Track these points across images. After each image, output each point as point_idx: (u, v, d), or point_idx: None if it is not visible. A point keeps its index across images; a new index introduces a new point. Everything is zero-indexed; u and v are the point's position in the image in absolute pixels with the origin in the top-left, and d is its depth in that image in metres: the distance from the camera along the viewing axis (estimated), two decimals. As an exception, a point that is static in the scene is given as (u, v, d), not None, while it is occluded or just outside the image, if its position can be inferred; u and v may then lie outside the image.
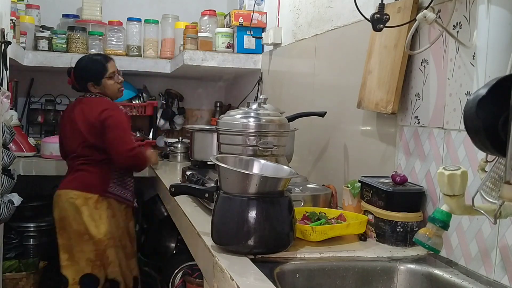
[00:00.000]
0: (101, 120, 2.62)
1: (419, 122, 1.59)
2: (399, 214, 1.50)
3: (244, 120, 1.86)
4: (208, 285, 1.47)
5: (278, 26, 2.95)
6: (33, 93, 3.73)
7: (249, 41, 3.21)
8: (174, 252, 3.44)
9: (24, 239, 3.25)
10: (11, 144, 2.25)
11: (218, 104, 4.08)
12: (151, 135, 3.83)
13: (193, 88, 4.23)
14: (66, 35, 3.37)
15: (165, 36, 3.79)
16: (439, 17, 1.46)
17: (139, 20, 3.78)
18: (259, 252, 1.34)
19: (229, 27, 3.30)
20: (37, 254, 3.25)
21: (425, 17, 1.35)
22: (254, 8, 3.14)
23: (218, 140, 1.96)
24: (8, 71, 2.32)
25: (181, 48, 3.41)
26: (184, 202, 2.01)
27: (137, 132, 3.66)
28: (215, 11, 3.45)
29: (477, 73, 1.19)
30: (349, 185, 1.74)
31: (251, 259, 1.31)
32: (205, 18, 3.38)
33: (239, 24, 3.17)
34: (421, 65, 1.59)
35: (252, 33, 3.16)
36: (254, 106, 1.93)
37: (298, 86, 2.61)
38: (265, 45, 3.16)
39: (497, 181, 1.07)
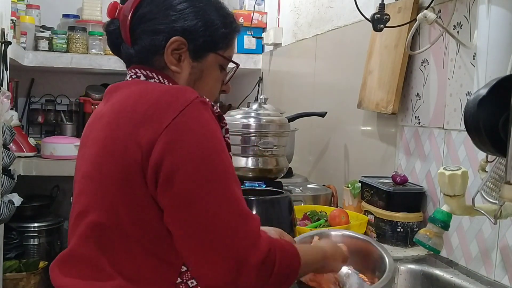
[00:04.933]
0: None
1: (419, 122, 1.59)
2: (400, 214, 1.50)
3: (245, 120, 1.86)
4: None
5: (278, 26, 2.95)
6: (33, 93, 3.72)
7: (249, 41, 3.20)
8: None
9: (25, 239, 3.23)
10: (11, 144, 2.24)
11: (218, 104, 4.07)
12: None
13: (193, 88, 4.21)
14: (67, 35, 3.36)
15: (166, 36, 3.77)
16: (440, 17, 1.46)
17: (139, 20, 3.76)
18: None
19: (229, 27, 3.29)
20: (38, 254, 3.25)
21: (426, 17, 1.35)
22: (254, 8, 3.13)
23: (218, 140, 1.95)
24: (8, 71, 2.32)
25: (182, 48, 3.39)
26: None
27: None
28: (215, 11, 3.44)
29: (477, 73, 1.19)
30: (349, 185, 1.74)
31: (251, 259, 1.31)
32: (206, 18, 3.37)
33: (239, 24, 3.16)
34: (422, 65, 1.59)
35: (252, 33, 3.16)
36: (255, 106, 1.93)
37: (298, 86, 2.61)
38: (265, 45, 3.15)
39: (498, 181, 1.07)
